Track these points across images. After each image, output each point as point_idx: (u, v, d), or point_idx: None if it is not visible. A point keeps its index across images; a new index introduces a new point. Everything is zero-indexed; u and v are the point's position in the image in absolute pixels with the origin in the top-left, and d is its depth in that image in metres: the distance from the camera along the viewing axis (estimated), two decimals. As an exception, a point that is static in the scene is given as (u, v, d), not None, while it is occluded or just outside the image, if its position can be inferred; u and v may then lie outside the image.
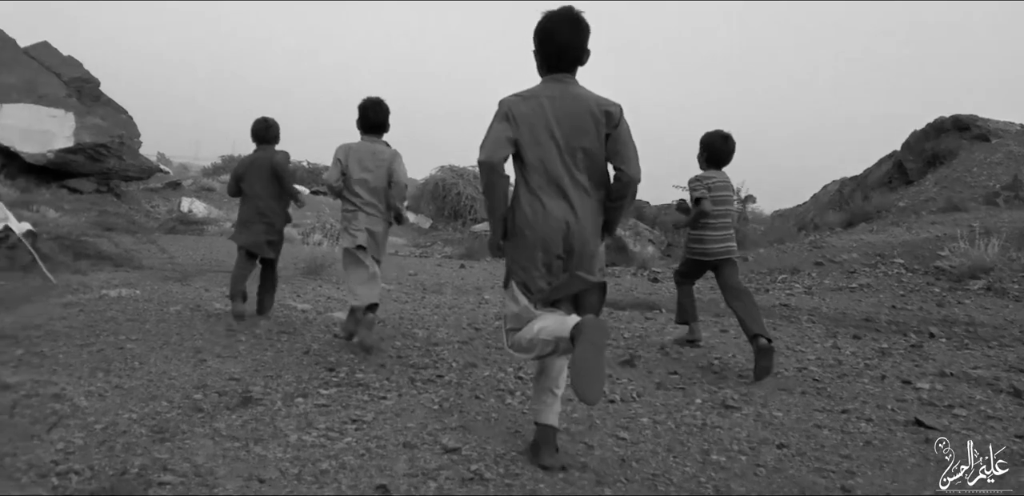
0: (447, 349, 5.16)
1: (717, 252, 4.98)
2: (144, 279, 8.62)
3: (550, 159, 2.83)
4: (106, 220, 11.73)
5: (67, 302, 6.75)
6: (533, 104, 2.84)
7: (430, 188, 28.05)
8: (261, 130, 5.91)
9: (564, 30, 2.86)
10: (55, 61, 19.53)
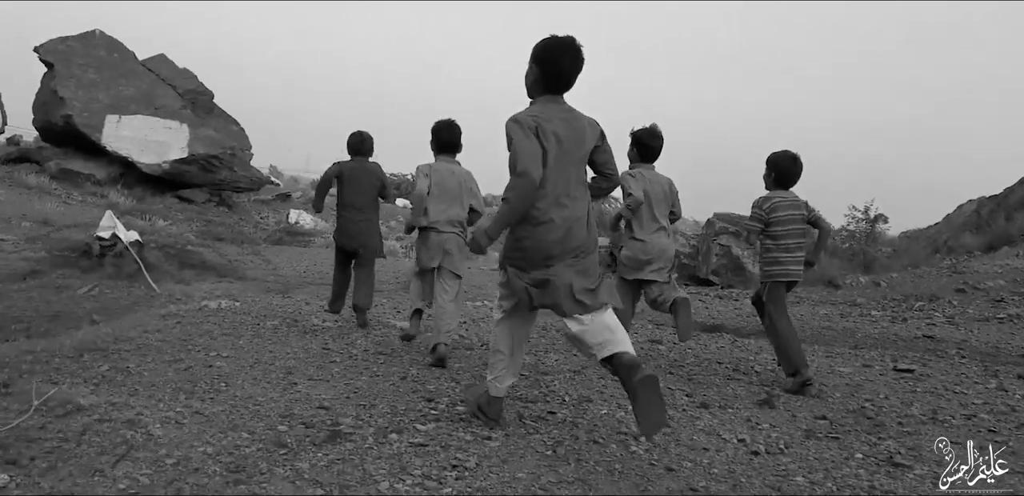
0: (558, 379, 4.68)
1: (795, 273, 4.96)
2: (246, 290, 8.54)
3: (559, 173, 3.16)
4: (213, 230, 11.88)
5: (166, 313, 6.64)
6: (548, 125, 3.12)
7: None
8: (356, 143, 6.19)
9: (568, 58, 3.17)
10: (171, 73, 20.29)
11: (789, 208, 4.90)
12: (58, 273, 8.56)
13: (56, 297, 7.77)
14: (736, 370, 5.57)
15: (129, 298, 7.96)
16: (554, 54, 3.17)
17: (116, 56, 19.80)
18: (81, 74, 18.95)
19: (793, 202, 4.93)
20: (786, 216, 4.89)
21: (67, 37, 19.37)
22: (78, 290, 8.03)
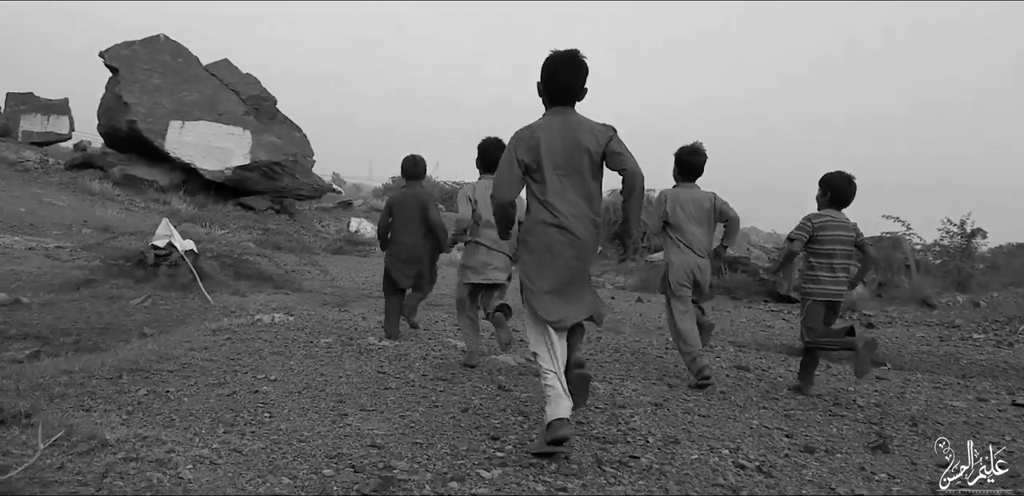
0: (638, 414, 4.25)
1: (835, 293, 5.04)
2: (302, 303, 8.31)
3: (553, 181, 3.37)
4: (271, 239, 11.75)
5: (217, 327, 6.42)
6: (540, 137, 3.36)
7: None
8: (410, 167, 6.28)
9: (567, 71, 3.40)
10: (234, 79, 20.45)
11: (837, 228, 4.98)
12: (112, 283, 8.46)
13: (108, 308, 7.64)
14: (837, 404, 5.06)
15: (182, 310, 7.79)
16: (552, 68, 3.42)
17: (180, 61, 20.05)
18: (145, 79, 19.22)
19: (843, 223, 5.02)
20: (833, 236, 4.98)
21: (132, 42, 19.69)
22: (131, 301, 7.89)
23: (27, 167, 19.75)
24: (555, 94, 3.47)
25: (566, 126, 3.40)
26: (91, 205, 16.04)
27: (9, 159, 21.84)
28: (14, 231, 11.86)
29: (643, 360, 6.20)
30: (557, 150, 3.36)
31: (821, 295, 5.04)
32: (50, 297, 7.86)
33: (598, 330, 8.13)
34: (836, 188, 5.06)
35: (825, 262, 5.00)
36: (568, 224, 3.37)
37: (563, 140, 3.37)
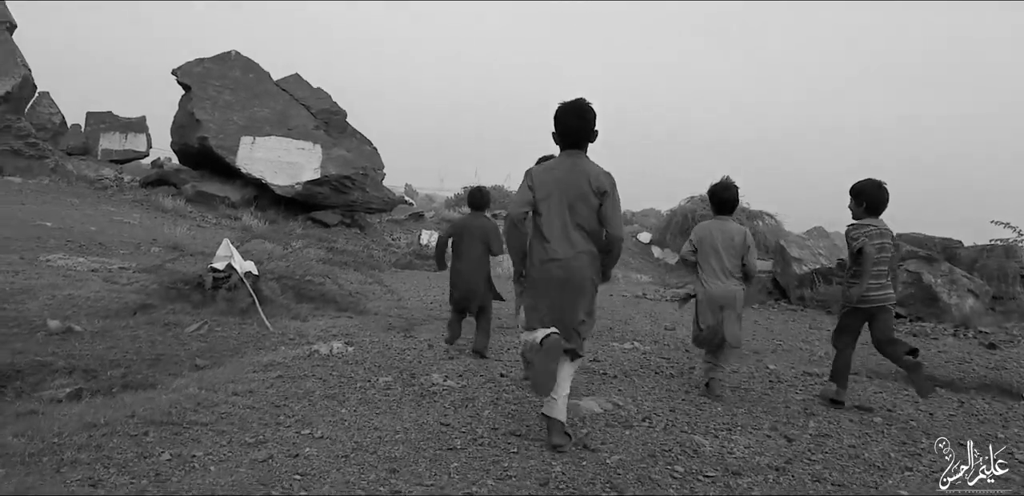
0: (757, 483, 3.44)
1: (876, 299, 5.01)
2: (364, 328, 7.71)
3: (557, 216, 3.80)
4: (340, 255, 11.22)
5: (269, 361, 5.86)
6: (549, 175, 3.84)
7: (678, 219, 26.09)
8: (476, 199, 6.61)
9: (573, 118, 3.82)
10: (305, 93, 20.22)
11: (881, 237, 5.00)
12: (169, 308, 8.01)
13: (162, 336, 7.17)
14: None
15: (239, 337, 7.27)
16: (562, 116, 3.81)
17: (251, 76, 19.92)
18: (217, 96, 19.11)
19: (885, 231, 5.04)
20: (878, 244, 4.97)
21: (203, 59, 19.64)
22: (187, 328, 7.41)
23: (105, 185, 19.86)
24: (567, 138, 3.86)
25: (572, 170, 3.81)
26: (162, 222, 15.88)
27: (89, 177, 22.10)
28: (82, 251, 11.63)
29: (748, 399, 5.36)
30: (562, 191, 3.78)
31: (861, 302, 5.03)
32: (104, 324, 7.43)
33: (688, 355, 7.32)
34: (870, 196, 5.07)
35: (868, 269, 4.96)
36: (563, 264, 3.79)
37: (567, 183, 3.78)
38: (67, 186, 18.81)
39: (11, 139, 24.01)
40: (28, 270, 9.44)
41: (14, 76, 24.46)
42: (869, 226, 5.05)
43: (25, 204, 15.12)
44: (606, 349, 7.36)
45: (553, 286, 3.82)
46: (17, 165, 22.86)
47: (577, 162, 3.83)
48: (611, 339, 8.26)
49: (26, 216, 13.84)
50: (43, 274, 9.29)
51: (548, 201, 3.80)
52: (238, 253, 8.78)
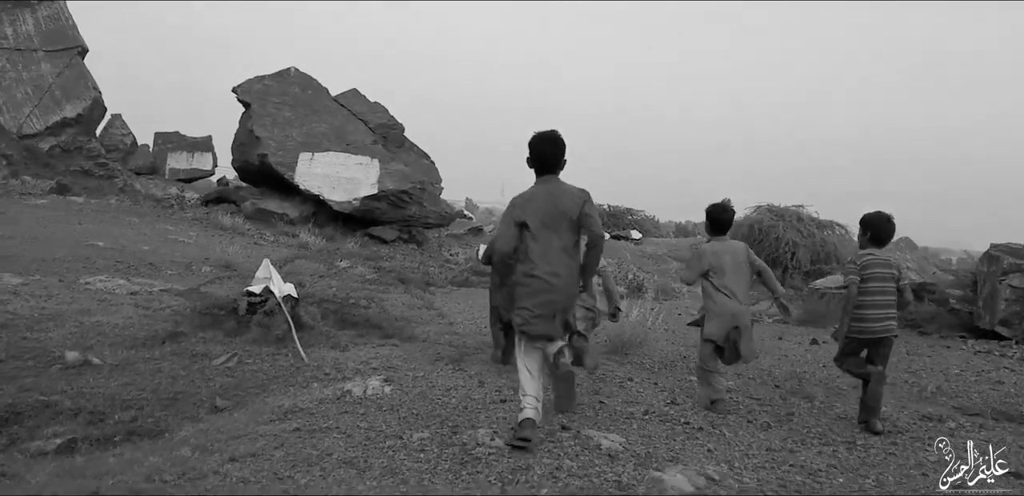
0: None
1: (877, 330, 4.92)
2: (410, 359, 6.73)
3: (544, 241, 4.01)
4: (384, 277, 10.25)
5: (291, 407, 4.92)
6: (531, 206, 4.05)
7: (744, 231, 24.57)
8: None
9: (548, 146, 4.11)
10: (363, 108, 19.54)
11: (881, 266, 4.96)
12: (200, 337, 7.16)
13: (186, 370, 6.32)
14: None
15: (270, 371, 6.37)
16: (536, 146, 4.12)
17: (310, 93, 19.32)
18: (276, 112, 18.54)
19: (884, 261, 5.00)
20: (878, 274, 4.92)
21: (263, 76, 19.12)
22: (215, 360, 6.54)
23: (169, 203, 19.46)
24: (543, 165, 4.11)
25: (550, 194, 4.04)
26: (219, 241, 15.26)
27: (156, 196, 21.82)
28: (128, 272, 10.96)
29: (869, 461, 4.16)
30: (544, 213, 4.00)
31: (860, 333, 4.96)
32: (127, 355, 6.62)
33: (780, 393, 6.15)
34: (876, 228, 5.10)
35: (869, 300, 4.90)
36: (547, 278, 3.98)
37: (548, 206, 4.00)
38: (130, 205, 18.42)
39: (82, 160, 23.95)
40: (63, 294, 8.73)
41: (85, 99, 24.44)
42: (868, 255, 5.04)
43: (82, 224, 14.65)
44: (684, 386, 6.22)
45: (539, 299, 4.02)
46: (87, 185, 22.72)
47: (553, 188, 4.09)
48: (687, 371, 7.11)
49: (80, 236, 13.33)
50: (78, 298, 8.56)
51: (533, 227, 4.01)
52: (278, 275, 7.91)
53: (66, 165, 23.31)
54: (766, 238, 24.03)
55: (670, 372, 7.06)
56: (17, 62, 23.31)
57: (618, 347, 7.66)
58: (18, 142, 22.62)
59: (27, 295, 8.53)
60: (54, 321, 7.56)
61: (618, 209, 30.19)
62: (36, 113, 23.19)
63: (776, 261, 24.06)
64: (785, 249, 24.12)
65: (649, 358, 7.63)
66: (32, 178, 21.03)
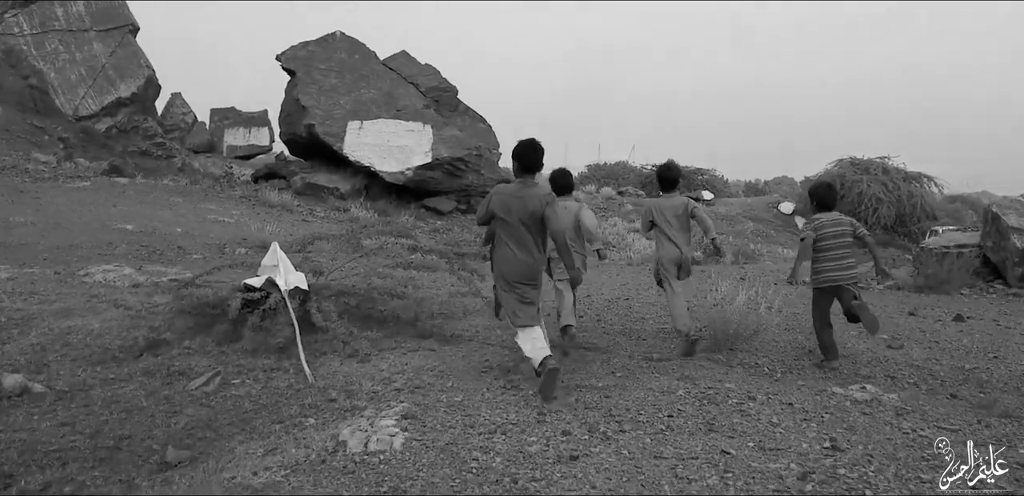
0: None
1: (835, 278, 5.25)
2: (447, 372, 4.85)
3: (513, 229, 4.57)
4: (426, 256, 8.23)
5: (247, 481, 3.00)
6: (508, 198, 4.55)
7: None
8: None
9: (532, 152, 4.61)
10: (413, 71, 17.53)
11: (834, 226, 5.30)
12: (183, 346, 5.39)
13: (151, 398, 4.57)
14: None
15: (259, 397, 4.55)
16: (521, 152, 4.58)
17: (357, 57, 17.39)
18: (322, 79, 16.69)
19: (836, 220, 5.35)
20: (832, 232, 5.26)
21: (308, 42, 17.26)
22: (192, 382, 4.73)
23: (220, 181, 17.92)
24: (526, 168, 4.59)
25: (526, 194, 4.54)
26: (264, 219, 13.60)
27: (214, 174, 20.37)
28: (147, 259, 9.34)
29: None
30: (518, 209, 4.52)
31: (821, 282, 5.30)
32: (85, 377, 4.90)
33: (977, 415, 4.04)
34: (820, 197, 5.52)
35: (825, 255, 5.27)
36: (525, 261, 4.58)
37: (521, 204, 4.51)
38: (176, 185, 16.92)
39: (139, 140, 22.63)
40: (50, 290, 7.09)
41: (138, 77, 23.05)
42: (818, 219, 5.37)
43: (117, 206, 13.15)
44: (830, 404, 4.18)
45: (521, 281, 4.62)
46: (145, 166, 21.41)
47: (529, 188, 4.58)
48: (822, 376, 5.00)
49: (110, 219, 11.83)
50: (64, 296, 6.90)
51: (509, 219, 4.54)
52: (288, 262, 6.06)
53: (123, 146, 22.05)
54: (848, 193, 21.29)
55: (798, 377, 4.98)
56: (70, 43, 22.01)
57: (722, 342, 5.58)
58: (74, 124, 21.40)
59: (7, 292, 6.92)
60: (22, 327, 5.91)
61: (687, 169, 27.60)
62: (91, 94, 21.92)
63: (857, 217, 21.34)
64: (868, 205, 21.36)
65: (764, 355, 5.53)
66: (88, 160, 19.76)
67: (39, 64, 21.25)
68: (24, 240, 9.90)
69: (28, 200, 12.89)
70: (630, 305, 7.65)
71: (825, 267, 5.24)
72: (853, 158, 23.11)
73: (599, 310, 7.35)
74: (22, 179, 15.37)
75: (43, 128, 20.57)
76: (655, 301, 7.94)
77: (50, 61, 21.47)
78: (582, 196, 21.25)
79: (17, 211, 11.73)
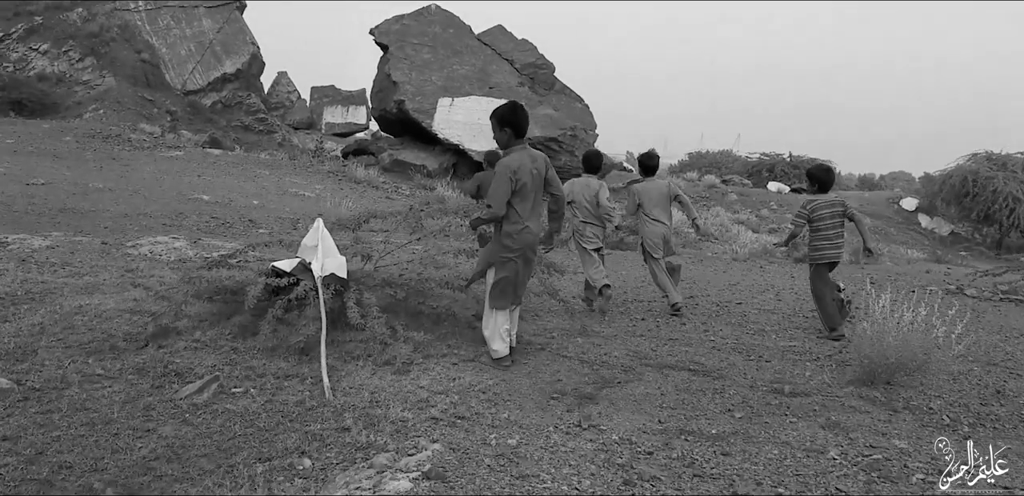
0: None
1: (830, 256, 5.38)
2: (502, 396, 3.60)
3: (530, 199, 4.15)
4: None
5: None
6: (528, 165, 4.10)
7: (954, 182, 19.22)
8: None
9: (523, 116, 4.17)
10: (508, 46, 16.19)
11: (829, 207, 5.35)
12: (194, 338, 4.30)
13: (128, 407, 3.48)
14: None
15: (255, 418, 3.39)
16: (511, 115, 4.12)
17: (451, 32, 16.19)
18: (415, 55, 15.58)
19: (830, 202, 5.39)
20: (827, 213, 5.33)
21: (402, 16, 16.18)
22: (182, 388, 3.61)
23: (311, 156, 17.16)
24: (520, 132, 4.17)
25: (533, 158, 4.18)
26: (346, 195, 12.65)
27: (312, 151, 19.72)
28: (210, 231, 8.45)
29: None
30: (536, 176, 4.16)
31: (820, 259, 5.39)
32: (69, 371, 3.84)
33: None
34: (819, 179, 5.45)
35: (822, 234, 5.35)
36: (535, 231, 4.22)
37: (533, 169, 4.13)
38: (269, 158, 16.20)
39: (242, 115, 22.26)
40: (87, 262, 6.21)
41: (244, 54, 22.66)
42: (814, 201, 5.39)
43: (202, 176, 12.44)
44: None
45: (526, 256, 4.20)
46: (247, 140, 21.00)
47: (532, 152, 4.22)
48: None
49: (189, 189, 11.09)
50: (98, 269, 6.00)
51: (527, 189, 4.10)
52: (331, 242, 4.89)
53: (227, 120, 21.73)
54: (982, 192, 18.69)
55: (995, 433, 3.42)
56: (180, 19, 21.77)
57: (878, 373, 4.03)
58: (182, 98, 21.18)
59: (38, 263, 6.06)
60: (33, 303, 4.98)
61: (800, 159, 25.24)
62: (199, 69, 21.65)
63: (990, 217, 18.76)
64: (1002, 204, 18.69)
65: (936, 394, 3.94)
66: (192, 133, 19.44)
67: (151, 39, 21.08)
68: (95, 206, 9.20)
69: (116, 167, 12.36)
70: (744, 312, 6.15)
71: (823, 245, 5.41)
72: (990, 153, 20.39)
73: (705, 317, 5.89)
74: (122, 148, 14.97)
75: (152, 101, 20.39)
76: (774, 307, 6.42)
77: (162, 36, 21.28)
78: (682, 183, 19.54)
79: (100, 177, 11.15)
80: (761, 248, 13.48)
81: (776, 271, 9.64)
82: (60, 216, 8.39)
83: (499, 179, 4.04)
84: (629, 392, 3.83)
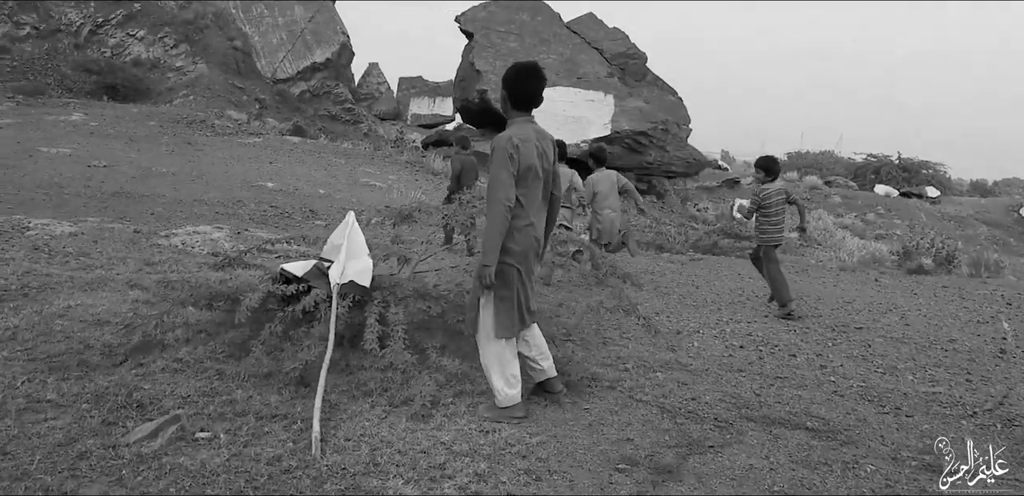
0: None
1: (776, 239, 5.76)
2: (555, 465, 2.52)
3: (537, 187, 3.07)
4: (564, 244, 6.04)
5: None
6: (538, 145, 3.01)
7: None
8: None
9: (535, 81, 3.00)
10: (598, 35, 15.00)
11: (776, 195, 5.67)
12: (175, 357, 3.40)
13: (53, 456, 2.55)
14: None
15: (212, 481, 2.38)
16: (523, 79, 3.01)
17: (539, 19, 15.14)
18: (500, 43, 14.61)
19: (778, 190, 5.70)
20: (775, 200, 5.65)
21: (489, 3, 15.25)
22: (131, 432, 2.70)
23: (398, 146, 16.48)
24: (528, 102, 3.04)
25: (541, 137, 3.08)
26: (418, 186, 11.84)
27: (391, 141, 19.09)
28: (266, 220, 7.74)
29: None
30: (546, 159, 3.08)
31: (771, 241, 5.72)
32: (14, 394, 3.00)
33: None
34: (768, 168, 5.69)
35: (771, 219, 5.67)
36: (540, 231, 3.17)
37: (540, 147, 3.04)
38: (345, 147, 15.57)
39: (329, 104, 21.87)
40: (107, 252, 5.52)
41: (334, 44, 22.24)
42: (764, 189, 5.63)
43: (273, 164, 11.84)
44: None
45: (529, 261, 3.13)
46: (333, 129, 20.58)
47: (538, 128, 3.10)
48: None
49: (257, 176, 10.47)
50: (116, 261, 5.29)
51: (530, 176, 3.00)
52: (361, 241, 3.97)
53: (314, 109, 21.38)
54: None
55: None
56: (273, 7, 21.52)
57: None
58: (271, 86, 20.94)
59: (51, 253, 5.38)
60: (24, 300, 4.27)
61: (910, 162, 22.91)
62: (289, 58, 21.36)
63: None
64: None
65: None
66: (278, 121, 19.12)
67: (244, 27, 20.90)
68: (152, 191, 8.65)
69: (189, 152, 11.91)
70: (866, 340, 4.84)
71: (771, 229, 5.69)
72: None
73: (820, 346, 4.61)
74: (203, 133, 14.63)
75: (242, 88, 20.19)
76: (903, 334, 5.08)
77: (255, 24, 21.07)
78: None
79: (168, 162, 10.67)
80: (870, 256, 11.89)
81: (893, 285, 8.16)
82: (111, 200, 7.82)
83: (497, 161, 2.90)
84: (726, 463, 2.70)
